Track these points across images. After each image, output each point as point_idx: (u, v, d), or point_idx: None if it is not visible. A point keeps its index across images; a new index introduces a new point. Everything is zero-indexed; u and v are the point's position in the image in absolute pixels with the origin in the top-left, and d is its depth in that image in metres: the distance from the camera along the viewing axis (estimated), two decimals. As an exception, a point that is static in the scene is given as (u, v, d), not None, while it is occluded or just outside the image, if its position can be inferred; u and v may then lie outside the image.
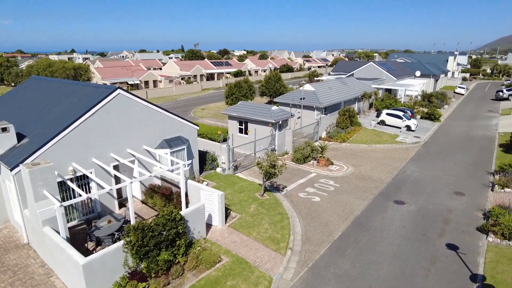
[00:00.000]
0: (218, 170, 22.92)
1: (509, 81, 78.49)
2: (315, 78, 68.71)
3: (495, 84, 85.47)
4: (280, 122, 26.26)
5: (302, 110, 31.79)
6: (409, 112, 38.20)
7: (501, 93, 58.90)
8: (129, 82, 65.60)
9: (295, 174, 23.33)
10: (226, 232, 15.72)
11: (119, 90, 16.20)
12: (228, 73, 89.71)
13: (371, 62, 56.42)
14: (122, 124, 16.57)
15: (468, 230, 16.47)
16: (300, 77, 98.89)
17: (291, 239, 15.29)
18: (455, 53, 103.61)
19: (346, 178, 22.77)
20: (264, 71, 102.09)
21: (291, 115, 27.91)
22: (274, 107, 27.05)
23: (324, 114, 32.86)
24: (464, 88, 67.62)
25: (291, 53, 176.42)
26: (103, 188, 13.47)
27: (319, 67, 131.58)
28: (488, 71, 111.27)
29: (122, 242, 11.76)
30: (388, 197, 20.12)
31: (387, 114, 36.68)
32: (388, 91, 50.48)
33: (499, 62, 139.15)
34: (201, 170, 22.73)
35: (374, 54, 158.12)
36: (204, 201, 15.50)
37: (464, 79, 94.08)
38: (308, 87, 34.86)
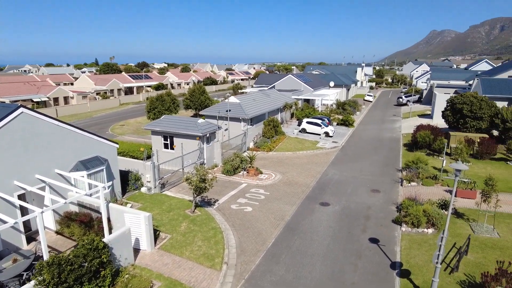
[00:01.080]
0: (143, 189, 21.61)
1: (406, 89, 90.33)
2: (239, 91, 70.12)
3: (395, 91, 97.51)
4: (208, 135, 26.00)
5: (229, 122, 32.00)
6: (326, 119, 41.26)
7: (401, 99, 67.39)
8: (35, 100, 58.53)
9: (226, 186, 23.21)
10: (156, 255, 14.78)
11: (22, 109, 14.29)
12: (148, 86, 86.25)
13: (290, 75, 59.76)
14: (27, 147, 14.60)
15: (385, 224, 18.18)
16: (225, 89, 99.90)
17: (226, 253, 15.03)
18: (362, 64, 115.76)
19: (275, 186, 23.42)
20: (188, 84, 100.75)
21: (218, 127, 27.86)
22: (201, 120, 26.72)
23: (251, 125, 33.56)
24: (372, 95, 75.72)
25: (214, 66, 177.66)
26: (5, 222, 11.58)
27: (242, 79, 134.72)
28: (390, 80, 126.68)
29: (33, 282, 10.20)
30: (314, 200, 21.21)
31: (307, 122, 39.04)
32: (307, 101, 53.87)
33: (397, 72, 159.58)
34: (124, 191, 21.17)
35: (292, 67, 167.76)
36: (129, 225, 14.38)
37: (371, 87, 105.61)
38: (233, 99, 35.31)
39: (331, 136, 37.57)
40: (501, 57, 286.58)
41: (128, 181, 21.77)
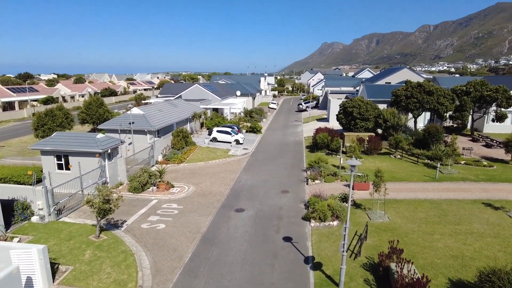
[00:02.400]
0: (35, 219, 18.66)
1: (304, 96, 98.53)
2: (143, 101, 66.68)
3: (296, 99, 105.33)
4: (109, 151, 23.90)
5: (133, 135, 30.04)
6: (236, 127, 42.14)
7: (301, 106, 73.03)
8: None
9: (135, 205, 21.62)
10: (55, 292, 12.83)
11: None
12: (34, 100, 75.60)
13: (197, 84, 59.43)
14: None
15: (296, 221, 19.26)
16: (126, 100, 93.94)
17: (139, 276, 13.91)
18: (265, 74, 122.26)
19: (189, 198, 22.78)
20: (83, 96, 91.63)
21: (121, 142, 25.89)
22: (100, 135, 24.44)
23: (158, 137, 32.10)
24: (275, 103, 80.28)
25: (113, 76, 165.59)
26: None
27: (145, 89, 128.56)
28: (290, 88, 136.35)
29: None
30: (229, 207, 21.29)
31: (218, 131, 39.24)
32: (216, 110, 54.22)
33: (296, 81, 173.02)
34: (8, 224, 17.95)
35: (198, 77, 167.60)
36: (17, 263, 12.20)
37: (274, 96, 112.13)
38: (136, 110, 33.32)
39: (241, 143, 38.43)
40: (379, 66, 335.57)
41: (13, 211, 18.54)
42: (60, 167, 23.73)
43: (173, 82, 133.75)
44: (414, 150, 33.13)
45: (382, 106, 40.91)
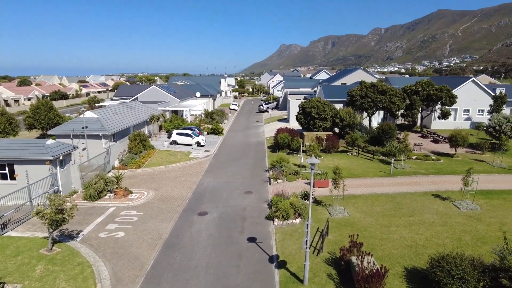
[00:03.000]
0: (-24, 234, 17.00)
1: (265, 97, 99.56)
2: (97, 104, 63.57)
3: (256, 100, 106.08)
4: (61, 158, 22.43)
5: (87, 140, 28.47)
6: (196, 129, 41.51)
7: (261, 107, 73.67)
8: None
9: (91, 213, 20.48)
10: (1, 314, 11.77)
11: None
12: (-27, 106, 69.10)
13: (154, 86, 57.72)
14: None
15: (260, 221, 19.35)
16: (78, 104, 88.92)
17: (97, 289, 13.18)
18: (225, 75, 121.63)
19: (149, 204, 22.02)
20: (29, 100, 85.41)
21: (74, 148, 24.43)
22: (50, 141, 22.89)
23: (114, 141, 30.70)
24: (236, 104, 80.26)
25: (63, 78, 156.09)
26: None
27: (99, 92, 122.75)
28: (250, 89, 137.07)
29: None
30: (192, 211, 20.89)
31: (178, 133, 38.38)
32: (175, 112, 53.04)
33: (256, 82, 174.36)
34: None
35: (155, 78, 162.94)
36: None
37: (235, 97, 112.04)
38: (90, 114, 31.63)
39: (203, 146, 37.91)
40: (335, 68, 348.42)
41: None
42: (3, 177, 21.84)
43: (128, 83, 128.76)
44: (369, 147, 34.73)
45: (338, 106, 42.45)
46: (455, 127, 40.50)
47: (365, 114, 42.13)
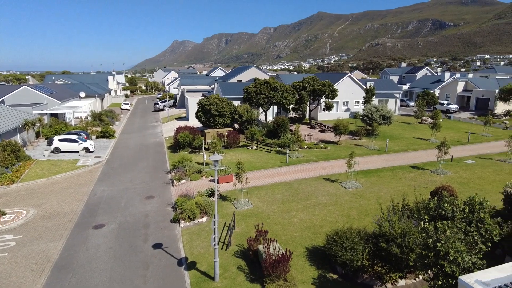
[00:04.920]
0: None
1: (160, 95, 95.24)
2: None
3: (151, 98, 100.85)
4: None
5: None
6: (83, 134, 37.23)
7: (157, 105, 70.36)
8: None
9: None
10: None
11: None
12: None
13: (25, 86, 49.44)
14: None
15: (165, 226, 18.52)
16: None
17: (-36, 337, 10.69)
18: (113, 72, 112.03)
19: (30, 224, 18.85)
20: None
21: None
22: None
23: (-26, 154, 25.21)
24: (128, 104, 74.74)
25: None
26: None
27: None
28: (143, 87, 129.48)
29: None
30: (86, 225, 18.71)
31: (60, 140, 33.72)
32: (55, 115, 46.52)
33: (150, 79, 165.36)
34: None
35: (27, 77, 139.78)
36: None
37: (126, 96, 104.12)
38: None
39: (92, 151, 34.21)
40: (230, 65, 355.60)
41: None
42: None
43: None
44: (267, 140, 36.67)
45: (236, 103, 43.50)
46: (338, 118, 45.92)
47: (261, 109, 44.21)
